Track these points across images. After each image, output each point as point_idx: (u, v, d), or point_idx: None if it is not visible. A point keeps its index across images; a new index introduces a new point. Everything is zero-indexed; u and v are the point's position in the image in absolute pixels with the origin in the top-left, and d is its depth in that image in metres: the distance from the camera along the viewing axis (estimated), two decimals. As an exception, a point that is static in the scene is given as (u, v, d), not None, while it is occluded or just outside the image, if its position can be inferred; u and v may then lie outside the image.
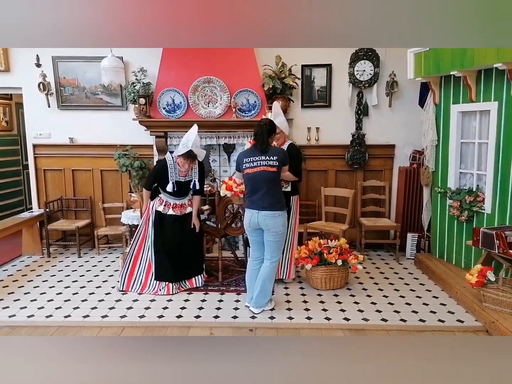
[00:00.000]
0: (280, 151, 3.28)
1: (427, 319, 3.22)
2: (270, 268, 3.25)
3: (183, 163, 3.55)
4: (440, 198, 4.24)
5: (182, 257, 3.74)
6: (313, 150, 4.94)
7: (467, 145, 3.98)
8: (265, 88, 4.62)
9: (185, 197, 3.79)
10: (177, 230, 3.73)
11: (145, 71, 4.68)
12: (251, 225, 3.21)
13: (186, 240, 3.76)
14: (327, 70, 4.85)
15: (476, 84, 3.66)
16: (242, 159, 3.21)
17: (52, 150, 5.05)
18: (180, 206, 3.75)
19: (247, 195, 3.25)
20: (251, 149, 3.26)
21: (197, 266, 3.89)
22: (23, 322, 3.17)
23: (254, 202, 3.16)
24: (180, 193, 3.71)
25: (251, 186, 3.17)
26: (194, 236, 3.82)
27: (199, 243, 3.93)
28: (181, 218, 3.75)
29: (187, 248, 3.77)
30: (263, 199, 3.13)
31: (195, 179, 3.71)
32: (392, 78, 4.76)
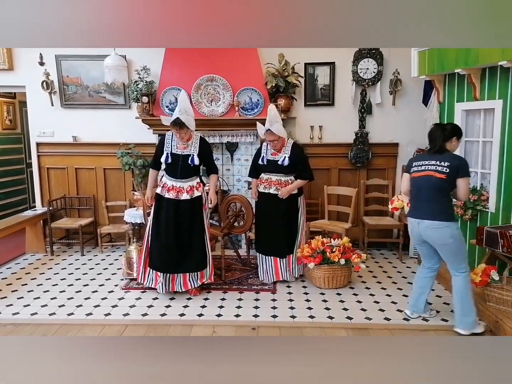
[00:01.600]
0: (457, 158, 2.87)
1: (430, 318, 3.20)
2: (460, 282, 2.91)
3: (175, 133, 3.36)
4: (444, 197, 4.21)
5: (175, 247, 3.45)
6: (316, 148, 4.93)
7: (471, 143, 3.95)
8: (268, 87, 4.61)
9: (185, 180, 3.44)
10: (170, 216, 3.42)
11: (148, 69, 4.68)
12: (415, 237, 2.98)
13: (183, 228, 3.46)
14: (331, 68, 4.83)
15: (481, 82, 3.63)
16: (412, 163, 3.00)
17: (56, 148, 5.06)
18: (177, 189, 3.42)
19: (411, 201, 3.01)
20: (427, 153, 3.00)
21: (196, 261, 3.52)
22: (26, 320, 3.18)
23: (416, 210, 2.92)
24: (176, 171, 3.41)
25: (415, 191, 2.94)
26: (193, 226, 3.50)
27: (201, 235, 3.53)
28: (176, 204, 3.42)
29: (183, 237, 3.46)
30: (425, 207, 2.85)
31: (194, 153, 3.41)
32: (395, 76, 4.74)
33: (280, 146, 3.70)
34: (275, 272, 3.82)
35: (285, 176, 3.72)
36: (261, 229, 3.86)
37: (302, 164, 3.76)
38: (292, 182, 3.72)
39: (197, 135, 3.51)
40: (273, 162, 3.70)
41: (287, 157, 3.65)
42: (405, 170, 3.12)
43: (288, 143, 3.76)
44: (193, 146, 3.45)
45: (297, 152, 3.73)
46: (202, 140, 3.53)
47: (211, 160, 3.64)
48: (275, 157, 3.71)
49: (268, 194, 3.72)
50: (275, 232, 3.74)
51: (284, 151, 3.70)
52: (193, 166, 3.42)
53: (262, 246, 3.86)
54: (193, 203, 3.46)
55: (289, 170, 3.70)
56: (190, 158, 3.40)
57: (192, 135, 3.48)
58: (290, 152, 3.69)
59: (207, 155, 3.56)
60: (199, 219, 3.51)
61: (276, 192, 3.69)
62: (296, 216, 3.82)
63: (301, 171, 3.74)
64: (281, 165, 3.65)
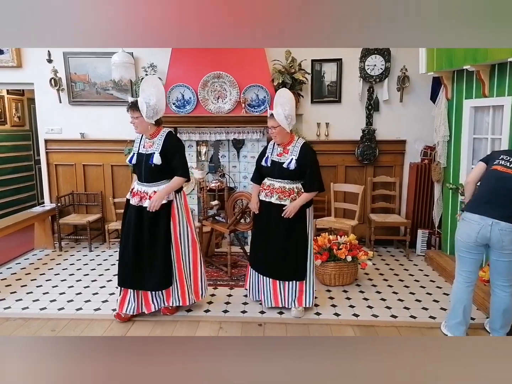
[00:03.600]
0: None
1: (437, 316, 3.19)
2: (510, 298, 2.58)
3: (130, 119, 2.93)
4: (452, 194, 4.19)
5: (135, 259, 3.00)
6: (323, 145, 4.92)
7: (479, 140, 3.92)
8: (274, 83, 4.60)
9: (149, 184, 2.95)
10: (132, 224, 2.99)
11: (155, 66, 4.70)
12: (475, 239, 2.51)
13: (146, 240, 2.99)
14: (338, 65, 4.81)
15: (490, 79, 3.60)
16: (500, 155, 2.61)
17: (64, 145, 5.10)
18: (140, 195, 2.97)
19: (480, 195, 2.59)
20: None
21: (157, 278, 3.00)
22: (35, 315, 3.22)
23: (488, 208, 2.48)
24: (141, 174, 2.98)
25: (492, 185, 2.53)
26: (156, 238, 2.98)
27: (164, 249, 2.99)
28: (139, 211, 2.97)
29: (145, 249, 3.00)
30: (504, 206, 2.46)
31: (156, 151, 2.89)
32: (403, 72, 4.71)
33: (283, 141, 3.09)
34: (274, 296, 3.20)
35: (290, 183, 3.07)
36: (258, 244, 3.25)
37: (312, 170, 3.04)
38: (299, 190, 3.07)
39: (164, 131, 2.99)
40: (278, 165, 3.07)
41: (294, 159, 3.00)
42: (483, 159, 2.74)
43: (298, 143, 3.10)
44: (157, 144, 2.95)
45: (306, 154, 3.04)
46: (169, 136, 2.97)
47: (177, 159, 2.95)
48: (280, 158, 3.09)
49: (269, 203, 3.11)
50: (275, 250, 3.11)
51: (291, 152, 3.05)
52: (155, 167, 2.89)
53: (258, 263, 3.26)
54: (156, 212, 2.92)
55: (295, 176, 3.05)
56: (151, 157, 2.91)
57: (160, 130, 2.99)
58: (299, 154, 3.02)
59: (173, 152, 2.93)
60: (163, 231, 2.97)
61: (279, 202, 3.06)
62: (304, 232, 3.12)
63: (310, 180, 3.05)
64: (287, 168, 3.01)
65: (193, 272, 3.17)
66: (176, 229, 3.04)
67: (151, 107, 2.81)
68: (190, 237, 3.14)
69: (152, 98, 2.81)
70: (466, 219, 2.59)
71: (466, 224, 2.57)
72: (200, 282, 3.21)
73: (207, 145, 4.93)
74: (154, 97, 2.81)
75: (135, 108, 2.86)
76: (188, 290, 3.13)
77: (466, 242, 2.57)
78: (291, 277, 3.14)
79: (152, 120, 2.87)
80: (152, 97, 2.81)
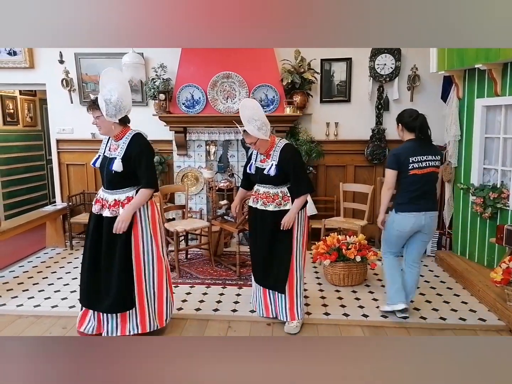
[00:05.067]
0: (439, 151, 3.04)
1: (448, 317, 3.16)
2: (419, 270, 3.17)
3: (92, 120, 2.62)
4: (463, 195, 4.15)
5: (92, 275, 2.68)
6: (332, 145, 4.90)
7: (491, 140, 3.88)
8: (283, 83, 4.60)
9: (111, 191, 2.63)
10: (90, 234, 2.70)
11: (165, 67, 4.73)
12: (413, 228, 2.94)
13: (104, 253, 2.64)
14: (347, 64, 4.79)
15: (502, 78, 3.55)
16: (408, 158, 2.86)
17: (75, 145, 5.17)
18: (101, 202, 2.66)
19: (406, 196, 2.92)
20: (412, 146, 2.91)
21: (113, 299, 2.60)
22: (47, 312, 3.27)
23: (419, 205, 2.90)
24: (103, 179, 2.67)
25: (417, 188, 2.88)
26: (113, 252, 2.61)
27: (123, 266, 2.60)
28: (98, 220, 2.66)
29: (104, 264, 2.64)
30: (430, 200, 2.95)
31: (118, 156, 2.54)
32: (414, 71, 4.67)
33: (266, 149, 2.88)
34: (264, 305, 3.09)
35: (274, 188, 2.89)
36: (252, 250, 3.16)
37: (295, 173, 2.81)
38: (284, 195, 2.87)
39: (131, 132, 2.62)
40: (260, 171, 2.91)
41: (274, 165, 2.81)
42: (392, 167, 2.91)
43: (278, 147, 2.87)
44: (121, 147, 2.59)
45: (286, 157, 2.81)
46: (135, 138, 2.60)
47: (142, 167, 2.57)
48: (263, 164, 2.91)
49: (255, 209, 2.98)
50: (260, 255, 3.00)
51: (272, 158, 2.86)
52: (115, 173, 2.54)
53: (253, 270, 3.16)
54: (114, 222, 2.57)
55: (278, 181, 2.86)
56: (112, 162, 2.57)
57: (126, 131, 2.63)
58: (278, 158, 2.82)
59: (137, 158, 2.55)
60: (122, 246, 2.59)
61: (263, 207, 2.91)
62: (288, 240, 2.89)
63: (296, 184, 2.83)
64: (268, 175, 2.83)
65: (157, 294, 2.75)
66: (139, 244, 2.64)
67: (113, 104, 2.46)
68: (156, 254, 2.71)
69: (113, 93, 2.45)
70: (401, 215, 2.96)
71: (403, 218, 2.96)
72: (165, 305, 2.80)
73: (216, 145, 4.95)
74: (115, 93, 2.45)
75: (95, 107, 2.52)
76: (150, 314, 2.72)
77: (402, 232, 3.00)
78: (273, 287, 2.97)
79: (115, 118, 2.51)
80: (113, 93, 2.45)
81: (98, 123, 2.57)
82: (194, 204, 5.01)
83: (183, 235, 4.56)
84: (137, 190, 2.62)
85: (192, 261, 4.44)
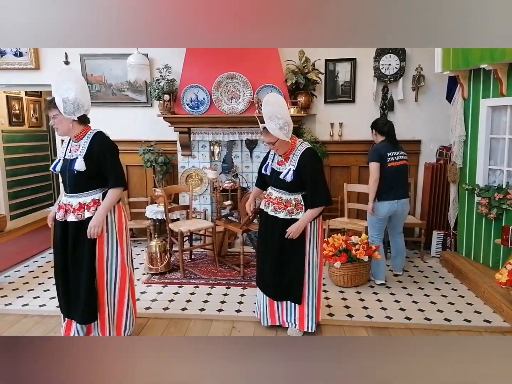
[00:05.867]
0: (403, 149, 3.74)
1: (452, 318, 3.15)
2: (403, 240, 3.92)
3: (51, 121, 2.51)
4: (468, 195, 4.13)
5: (62, 284, 2.56)
6: (336, 146, 4.90)
7: (497, 140, 3.86)
8: (288, 84, 4.60)
9: (74, 194, 2.48)
10: (57, 243, 2.58)
11: (170, 67, 4.74)
12: (389, 213, 3.63)
13: (70, 260, 2.51)
14: (351, 64, 4.79)
15: (507, 78, 3.53)
16: (386, 153, 3.59)
17: (80, 145, 5.19)
18: (65, 208, 2.50)
19: (387, 187, 3.59)
20: (386, 145, 3.66)
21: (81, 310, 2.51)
22: (52, 312, 3.28)
23: (394, 193, 3.58)
24: (65, 182, 2.52)
25: (394, 178, 3.58)
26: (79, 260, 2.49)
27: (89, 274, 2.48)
28: (64, 227, 2.50)
29: (72, 271, 2.52)
30: (403, 188, 3.65)
31: (80, 156, 2.42)
32: (418, 72, 4.66)
33: (285, 152, 2.67)
34: (270, 314, 2.92)
35: (287, 194, 2.68)
36: (260, 257, 2.98)
37: (313, 183, 2.60)
38: (297, 203, 2.66)
39: (92, 131, 2.52)
40: (276, 174, 2.71)
41: (292, 170, 2.60)
42: (375, 160, 3.58)
43: (298, 150, 2.64)
44: (82, 146, 2.46)
45: (306, 163, 2.59)
46: (97, 136, 2.49)
47: (109, 166, 2.46)
48: (280, 167, 2.71)
49: (266, 214, 2.79)
50: (267, 264, 2.82)
51: (290, 162, 2.65)
52: (78, 174, 2.41)
53: (259, 278, 2.98)
54: (78, 227, 2.46)
55: (294, 188, 2.65)
56: (73, 162, 2.44)
57: (87, 131, 2.52)
58: (297, 164, 2.60)
59: (100, 156, 2.44)
60: (87, 251, 2.47)
61: (273, 213, 2.72)
62: (301, 250, 2.72)
63: (312, 195, 2.61)
64: (284, 180, 2.62)
65: (118, 304, 2.61)
66: (103, 250, 2.50)
67: (70, 102, 2.37)
68: (120, 262, 2.56)
69: (70, 92, 2.37)
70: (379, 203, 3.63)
71: (380, 205, 3.63)
72: (125, 317, 2.65)
73: (220, 145, 4.96)
74: (72, 91, 2.38)
75: (52, 106, 2.42)
76: (110, 324, 2.59)
77: (382, 217, 3.67)
78: (285, 297, 2.82)
79: (74, 116, 2.40)
80: (71, 91, 2.38)
81: (55, 122, 2.46)
82: (198, 205, 5.02)
83: (187, 236, 4.57)
84: (104, 193, 2.50)
85: (196, 262, 4.45)
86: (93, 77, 5.03)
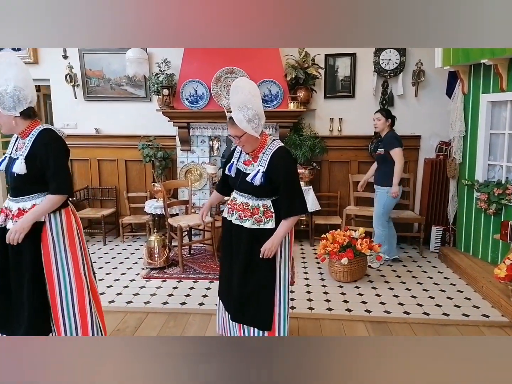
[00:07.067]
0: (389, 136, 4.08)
1: (451, 313, 3.16)
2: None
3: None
4: (467, 191, 4.13)
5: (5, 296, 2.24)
6: (336, 141, 4.89)
7: (496, 136, 3.85)
8: (287, 78, 4.59)
9: (15, 198, 2.20)
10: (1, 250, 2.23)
11: (169, 62, 4.72)
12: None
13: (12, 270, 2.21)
14: (351, 59, 4.77)
15: (508, 73, 3.52)
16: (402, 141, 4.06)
17: (79, 140, 5.17)
18: (6, 212, 2.24)
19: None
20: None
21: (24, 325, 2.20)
22: None
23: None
24: (11, 183, 2.22)
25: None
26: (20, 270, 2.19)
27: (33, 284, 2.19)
28: (4, 232, 2.18)
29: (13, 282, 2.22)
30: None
31: (21, 156, 2.12)
32: (418, 67, 4.64)
33: (254, 150, 2.25)
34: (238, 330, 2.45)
35: (255, 200, 2.27)
36: (223, 271, 2.56)
37: (287, 188, 2.20)
38: (266, 209, 2.25)
39: (38, 128, 2.20)
40: (242, 176, 2.28)
41: (261, 172, 2.18)
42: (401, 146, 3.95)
43: (269, 149, 2.24)
44: (26, 145, 2.17)
45: (278, 165, 2.19)
46: (42, 134, 2.19)
47: (52, 169, 2.14)
48: (247, 167, 2.29)
49: (230, 223, 2.38)
50: (237, 285, 2.34)
51: (260, 162, 2.23)
52: (18, 176, 2.12)
53: (222, 294, 2.57)
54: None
55: (262, 193, 2.25)
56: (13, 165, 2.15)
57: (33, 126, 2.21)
58: (267, 165, 2.19)
59: (43, 157, 2.12)
60: (29, 262, 2.19)
61: (238, 222, 2.31)
62: (270, 269, 2.29)
63: (286, 202, 2.21)
64: (251, 183, 2.20)
65: (80, 317, 2.32)
66: (50, 261, 2.22)
67: (9, 95, 2.06)
68: (73, 272, 2.27)
69: (9, 83, 2.06)
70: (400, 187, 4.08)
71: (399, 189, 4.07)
72: (91, 329, 2.36)
73: (219, 140, 4.95)
74: (11, 82, 2.06)
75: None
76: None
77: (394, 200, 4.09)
78: (251, 323, 2.37)
79: (15, 111, 2.10)
80: (10, 82, 2.06)
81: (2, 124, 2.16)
82: (198, 200, 5.02)
83: (187, 231, 4.57)
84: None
85: (196, 256, 4.45)
86: (92, 71, 5.01)
